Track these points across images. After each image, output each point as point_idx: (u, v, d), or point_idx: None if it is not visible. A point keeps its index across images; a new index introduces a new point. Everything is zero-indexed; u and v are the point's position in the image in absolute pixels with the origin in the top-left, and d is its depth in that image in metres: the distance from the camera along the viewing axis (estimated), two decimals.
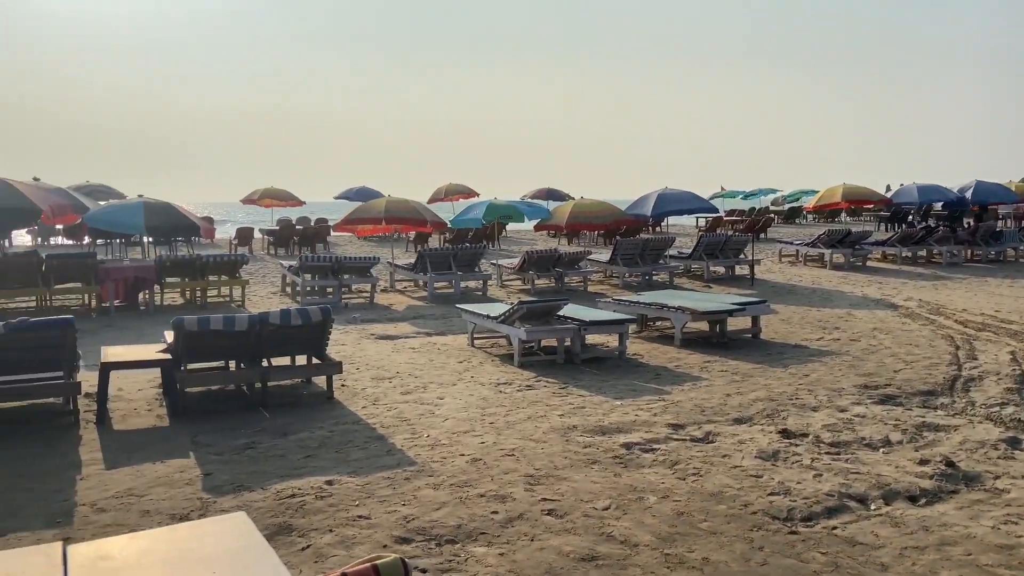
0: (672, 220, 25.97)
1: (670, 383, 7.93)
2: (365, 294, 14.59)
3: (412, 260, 16.06)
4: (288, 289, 14.94)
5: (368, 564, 1.99)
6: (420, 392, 7.59)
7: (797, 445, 5.96)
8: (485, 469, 5.43)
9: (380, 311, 12.95)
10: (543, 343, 9.36)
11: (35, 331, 6.45)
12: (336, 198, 30.59)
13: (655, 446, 5.93)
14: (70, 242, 24.15)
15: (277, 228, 25.14)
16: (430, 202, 27.47)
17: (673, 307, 9.87)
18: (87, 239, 22.50)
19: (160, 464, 5.55)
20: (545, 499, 4.90)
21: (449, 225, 16.70)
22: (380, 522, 4.54)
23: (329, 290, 14.04)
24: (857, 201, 22.99)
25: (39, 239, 25.11)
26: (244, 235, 23.64)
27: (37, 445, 5.99)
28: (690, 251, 17.55)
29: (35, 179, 14.79)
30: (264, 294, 14.75)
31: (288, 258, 20.25)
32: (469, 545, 4.27)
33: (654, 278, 16.26)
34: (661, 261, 16.57)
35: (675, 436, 6.19)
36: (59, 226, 22.76)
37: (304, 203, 28.98)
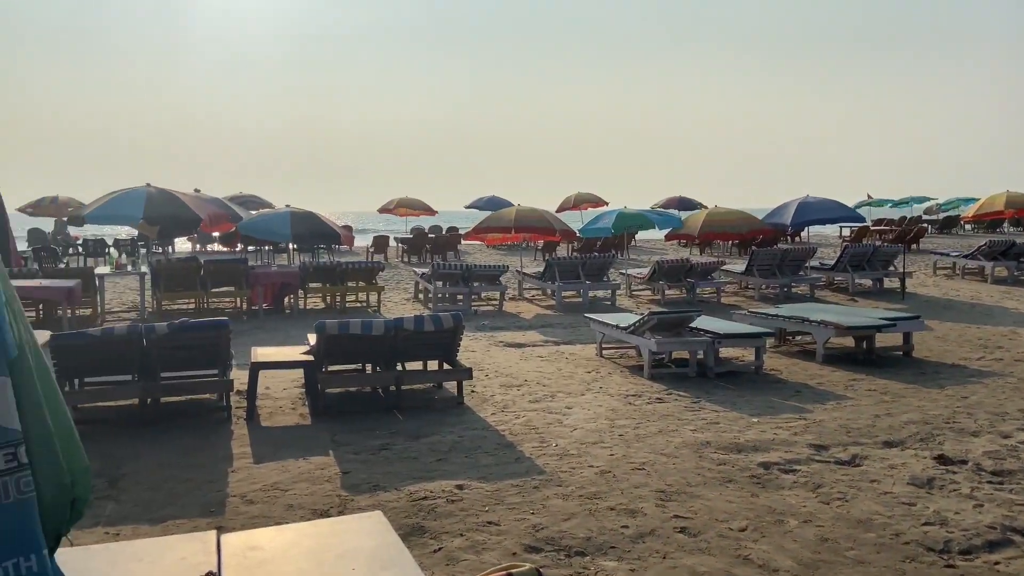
0: (814, 230, 24.72)
1: (812, 401, 7.52)
2: (494, 302, 14.79)
3: (540, 269, 16.14)
4: (420, 296, 15.38)
5: (504, 573, 1.98)
6: (548, 401, 7.58)
7: (955, 472, 5.49)
8: (615, 482, 5.33)
9: (508, 319, 13.09)
10: (674, 355, 9.13)
11: (195, 331, 6.95)
12: (466, 207, 31.31)
13: (796, 467, 5.63)
14: (224, 249, 25.97)
15: (411, 236, 26.01)
16: (558, 211, 27.60)
17: (815, 321, 9.38)
18: (239, 246, 24.12)
19: (303, 460, 5.83)
20: (677, 516, 4.75)
21: (578, 234, 16.67)
22: (509, 529, 4.55)
23: (459, 297, 14.34)
24: (1023, 210, 21.10)
25: (197, 245, 27.15)
26: (380, 243, 24.59)
27: (195, 438, 6.43)
28: (833, 262, 16.66)
29: (196, 190, 16.02)
30: (398, 300, 15.26)
31: (421, 265, 20.88)
32: (599, 559, 4.19)
33: (793, 291, 15.55)
34: (801, 273, 15.83)
35: (818, 457, 5.85)
36: (215, 233, 24.53)
37: (436, 212, 29.83)
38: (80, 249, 22.73)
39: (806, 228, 19.20)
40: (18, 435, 2.24)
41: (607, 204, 29.15)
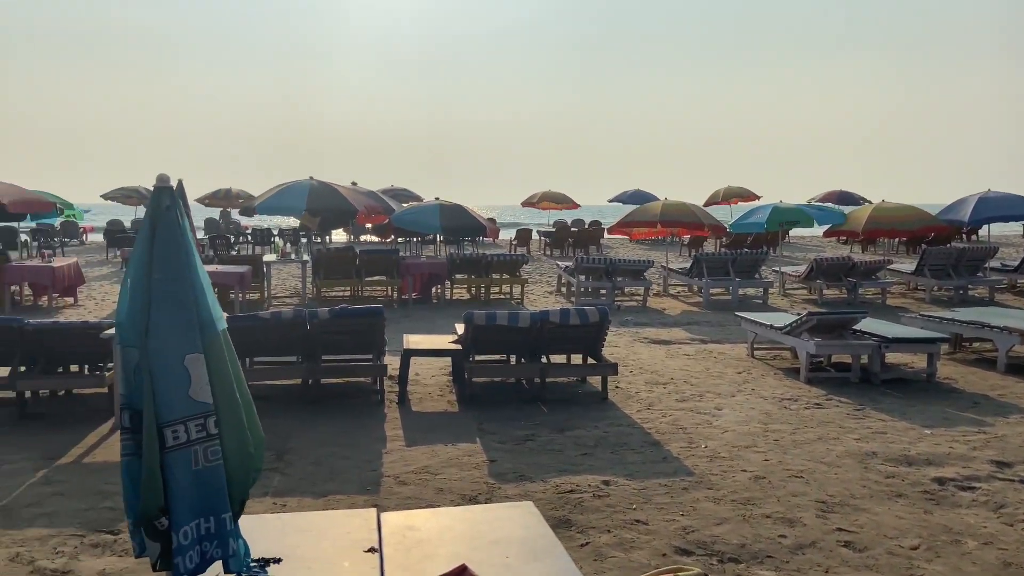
0: (995, 228, 22.64)
1: (992, 414, 6.85)
2: (638, 297, 14.56)
3: (687, 264, 15.72)
4: (563, 289, 15.39)
5: (671, 574, 1.90)
6: (696, 401, 7.35)
7: None
8: (770, 488, 5.08)
9: (653, 315, 12.83)
10: (833, 359, 8.60)
11: (353, 317, 7.27)
12: (610, 201, 31.03)
13: (975, 484, 5.14)
14: (376, 239, 27.17)
15: (553, 230, 26.11)
16: (706, 205, 26.78)
17: (997, 327, 8.54)
18: (391, 237, 25.14)
19: (451, 447, 5.96)
20: (841, 529, 4.45)
21: (728, 229, 16.09)
22: (658, 529, 4.43)
23: (602, 292, 14.23)
24: None
25: (351, 236, 28.55)
26: (523, 236, 24.86)
27: (351, 418, 6.74)
28: (1017, 263, 15.13)
29: (353, 183, 16.84)
30: (540, 293, 15.35)
31: (563, 259, 20.91)
32: (754, 567, 4.00)
33: (970, 293, 14.27)
34: (979, 274, 14.50)
35: (1000, 475, 5.31)
36: (368, 225, 25.69)
37: (579, 206, 29.79)
38: (249, 238, 24.51)
39: (985, 226, 17.56)
40: (209, 408, 2.41)
41: (759, 198, 27.98)
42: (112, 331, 6.37)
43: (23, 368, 6.68)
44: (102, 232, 25.23)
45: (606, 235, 23.61)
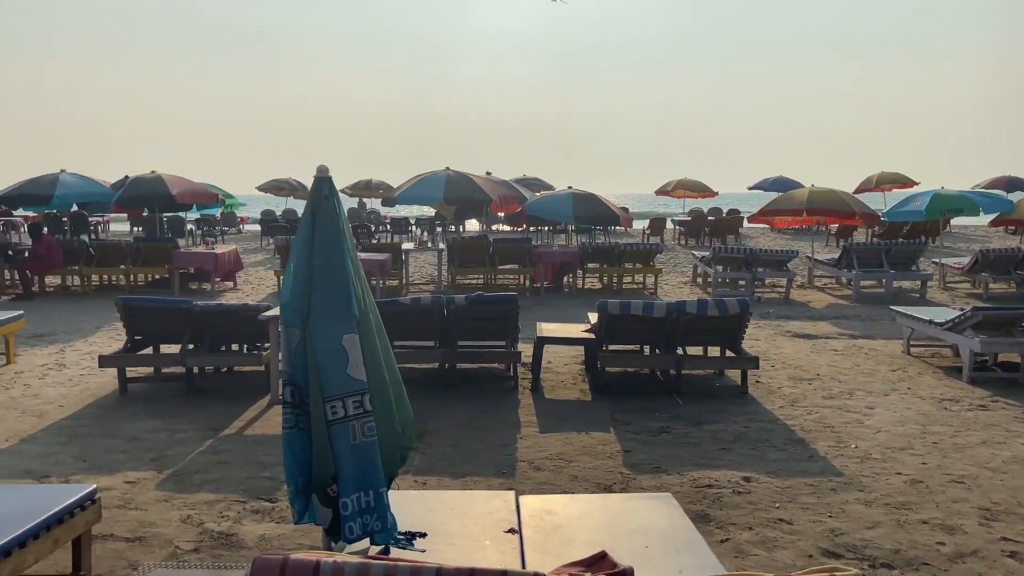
0: None
1: None
2: (779, 289, 13.96)
3: (834, 255, 14.91)
4: (699, 280, 15.00)
5: (827, 574, 1.81)
6: (845, 399, 6.97)
7: None
8: (928, 494, 4.75)
9: (796, 307, 12.27)
10: (1000, 358, 7.91)
11: (488, 304, 7.42)
12: (750, 188, 29.91)
13: None
14: (507, 228, 27.52)
15: (689, 219, 25.48)
16: (857, 192, 25.24)
17: None
18: (523, 226, 25.39)
19: (584, 435, 5.96)
20: (1006, 539, 4.10)
21: (882, 217, 15.10)
22: (804, 530, 4.24)
23: (741, 283, 13.76)
24: None
25: (484, 225, 29.07)
26: (657, 225, 24.42)
27: (485, 403, 6.88)
28: None
29: (487, 173, 17.12)
30: (675, 283, 15.03)
31: (699, 249, 20.37)
32: (909, 574, 3.75)
33: None
34: None
35: None
36: (500, 214, 26.05)
37: (716, 193, 28.89)
38: (388, 227, 25.49)
39: None
40: (364, 385, 2.53)
41: (917, 184, 26.06)
42: (269, 313, 6.81)
43: (191, 346, 7.28)
44: (257, 221, 27.00)
45: (745, 224, 22.79)
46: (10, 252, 13.94)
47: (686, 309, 7.21)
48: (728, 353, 7.64)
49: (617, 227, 20.18)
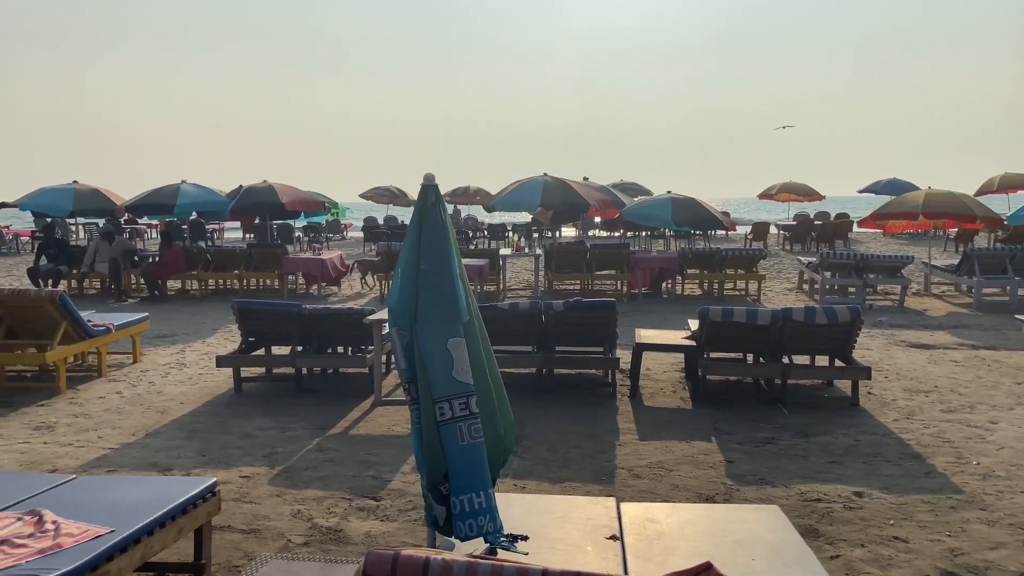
0: None
1: None
2: (893, 296, 13.30)
3: (954, 261, 14.08)
4: (805, 287, 14.47)
5: None
6: (966, 412, 6.57)
7: None
8: None
9: (911, 316, 11.65)
10: None
11: (587, 310, 7.39)
12: (860, 192, 28.62)
13: None
14: (604, 233, 27.34)
15: (794, 223, 24.63)
16: (978, 194, 23.73)
17: None
18: (620, 231, 25.18)
19: (685, 444, 5.85)
20: None
21: (1005, 221, 14.15)
22: (920, 549, 4.02)
23: (851, 289, 13.19)
24: None
25: (580, 231, 28.98)
26: (760, 230, 23.72)
27: (583, 409, 6.85)
28: None
29: (584, 178, 17.08)
30: (779, 290, 14.56)
31: (804, 254, 19.65)
32: None
33: None
34: None
35: None
36: (597, 219, 25.91)
37: (823, 197, 27.78)
38: (485, 233, 25.80)
39: None
40: (470, 388, 2.58)
41: None
42: (373, 317, 7.02)
43: (300, 348, 7.59)
44: (360, 228, 27.87)
45: (855, 228, 21.85)
46: (136, 258, 14.94)
47: (792, 317, 6.97)
48: (837, 363, 7.34)
49: (718, 232, 19.72)
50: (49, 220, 17.73)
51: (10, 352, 7.57)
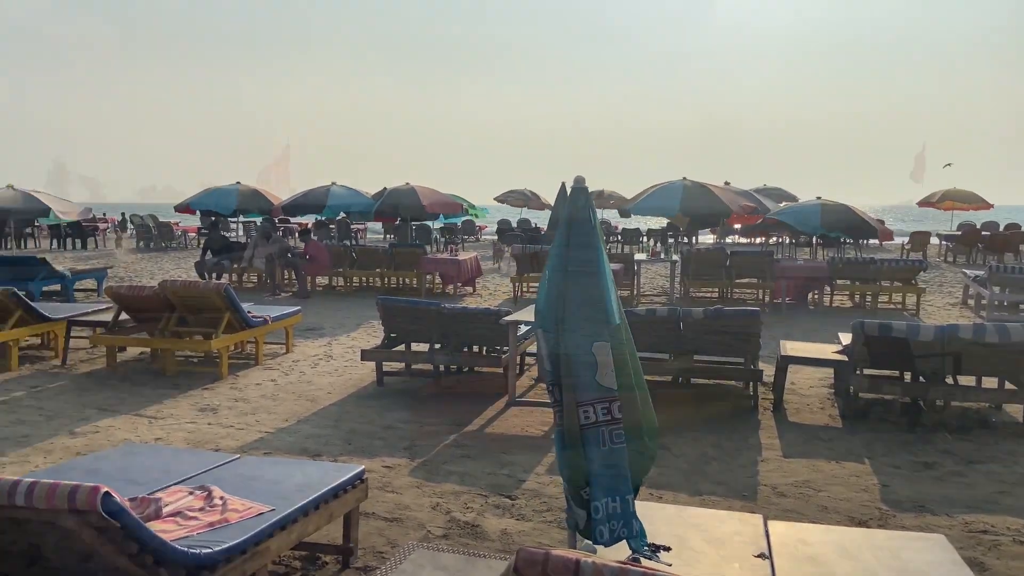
0: None
1: None
2: None
3: None
4: (970, 302, 13.35)
5: None
6: None
7: None
8: None
9: None
10: None
11: (728, 319, 7.14)
12: None
13: None
14: (744, 240, 26.41)
15: (958, 233, 22.81)
16: None
17: None
18: (760, 238, 24.23)
19: (834, 464, 5.53)
20: None
21: None
22: None
23: (1022, 307, 12.03)
24: None
25: (718, 237, 28.13)
26: (919, 240, 22.14)
27: (723, 422, 6.63)
28: None
29: (726, 183, 16.58)
30: (941, 304, 13.51)
31: (970, 267, 18.15)
32: None
33: None
34: None
35: None
36: (736, 225, 25.08)
37: (992, 206, 25.58)
38: (619, 237, 25.56)
39: None
40: (613, 392, 2.55)
41: None
42: (510, 318, 7.11)
43: (439, 345, 7.80)
44: (494, 231, 28.35)
45: None
46: (289, 255, 15.91)
47: (958, 334, 6.43)
48: (1008, 385, 6.71)
49: (871, 241, 18.56)
50: (214, 218, 19.21)
51: (180, 339, 8.24)
